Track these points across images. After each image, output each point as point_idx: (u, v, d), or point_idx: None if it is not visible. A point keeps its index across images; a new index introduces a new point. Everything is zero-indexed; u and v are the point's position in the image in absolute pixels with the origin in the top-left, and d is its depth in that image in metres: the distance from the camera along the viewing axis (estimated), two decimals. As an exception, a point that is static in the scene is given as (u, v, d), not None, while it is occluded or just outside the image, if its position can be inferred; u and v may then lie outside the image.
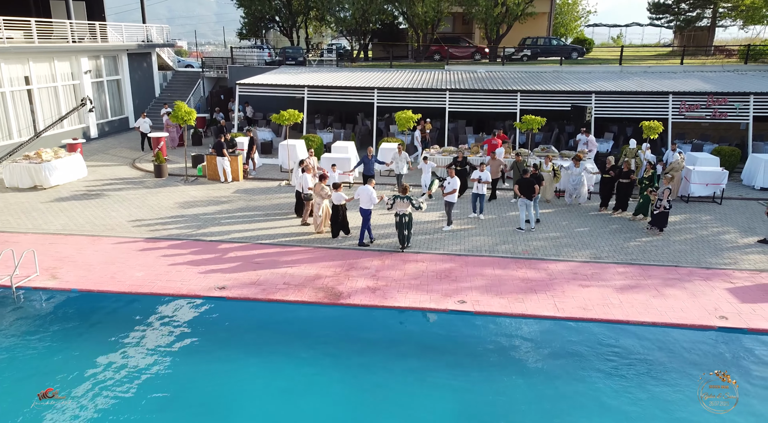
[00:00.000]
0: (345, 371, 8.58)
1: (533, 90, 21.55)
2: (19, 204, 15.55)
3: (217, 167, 18.14)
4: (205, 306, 10.31)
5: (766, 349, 9.08)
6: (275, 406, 7.77)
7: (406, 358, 8.88)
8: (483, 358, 8.88)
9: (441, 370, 8.56)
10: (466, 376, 8.42)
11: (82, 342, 9.20)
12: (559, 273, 11.57)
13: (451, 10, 33.97)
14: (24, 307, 10.23)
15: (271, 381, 8.29)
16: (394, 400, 7.93)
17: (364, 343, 9.34)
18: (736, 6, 29.92)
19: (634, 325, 9.61)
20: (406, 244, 12.65)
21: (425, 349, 9.16)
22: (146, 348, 9.06)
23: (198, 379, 8.30)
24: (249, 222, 14.39)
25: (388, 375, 8.47)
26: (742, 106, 20.13)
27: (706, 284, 11.05)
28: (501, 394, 8.01)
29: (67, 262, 11.77)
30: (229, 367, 8.61)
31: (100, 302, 10.37)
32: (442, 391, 8.07)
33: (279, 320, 9.92)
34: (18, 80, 20.55)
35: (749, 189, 17.74)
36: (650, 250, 12.85)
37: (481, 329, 9.65)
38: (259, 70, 28.24)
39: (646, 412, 7.63)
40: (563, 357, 8.90)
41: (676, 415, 7.58)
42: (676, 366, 8.64)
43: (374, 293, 10.59)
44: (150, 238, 13.22)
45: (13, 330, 9.49)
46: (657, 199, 13.46)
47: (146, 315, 10.02)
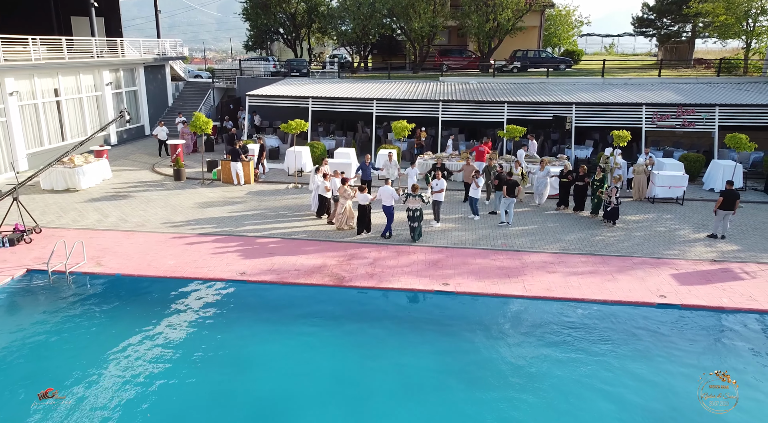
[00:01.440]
0: (347, 335, 10.48)
1: (519, 101, 23.52)
2: (57, 204, 17.49)
3: (230, 171, 20.08)
4: (230, 288, 12.23)
5: (693, 320, 10.99)
6: (290, 361, 9.64)
7: (397, 326, 10.78)
8: (460, 327, 10.78)
9: (426, 335, 10.46)
10: (445, 339, 10.32)
11: (129, 315, 11.10)
12: (531, 262, 13.49)
13: (446, 24, 36.11)
14: (77, 289, 12.14)
15: (286, 342, 10.19)
16: (385, 360, 9.80)
17: (362, 315, 11.25)
18: (711, 22, 32.00)
19: (588, 302, 11.53)
20: (418, 236, 14.54)
21: (413, 320, 11.07)
22: (182, 319, 10.97)
23: (227, 342, 10.20)
24: (261, 219, 16.33)
25: (383, 336, 10.36)
26: (708, 116, 22.10)
27: (654, 271, 12.98)
28: (474, 354, 9.89)
29: (107, 252, 13.70)
30: (252, 332, 10.52)
31: (140, 284, 12.30)
32: (426, 351, 9.96)
33: (292, 299, 11.83)
34: (48, 92, 22.53)
35: (710, 192, 19.68)
36: (612, 243, 14.78)
37: (460, 306, 11.56)
38: (265, 81, 30.28)
39: (586, 365, 9.52)
40: (525, 326, 10.80)
41: (608, 365, 9.48)
42: (617, 334, 10.53)
43: (372, 278, 12.52)
44: (176, 233, 15.16)
45: (71, 307, 11.40)
46: (607, 196, 15.46)
47: (180, 295, 11.94)
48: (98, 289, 12.17)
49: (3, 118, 20.06)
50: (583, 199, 17.23)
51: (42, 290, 12.00)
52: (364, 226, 15.10)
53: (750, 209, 17.89)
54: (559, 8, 53.81)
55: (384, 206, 14.70)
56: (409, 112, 23.44)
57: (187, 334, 10.50)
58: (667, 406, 8.50)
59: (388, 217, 14.78)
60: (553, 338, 10.38)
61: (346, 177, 15.58)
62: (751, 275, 12.72)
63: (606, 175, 16.76)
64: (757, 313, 11.09)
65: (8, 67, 19.72)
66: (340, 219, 15.44)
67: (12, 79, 20.11)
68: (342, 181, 15.30)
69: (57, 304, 11.43)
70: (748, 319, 10.99)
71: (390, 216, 14.75)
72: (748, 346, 10.13)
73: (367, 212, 14.99)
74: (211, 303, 11.69)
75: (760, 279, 12.51)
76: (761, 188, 20.00)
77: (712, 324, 10.97)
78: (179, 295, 11.92)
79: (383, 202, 14.68)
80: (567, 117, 21.98)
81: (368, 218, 15.09)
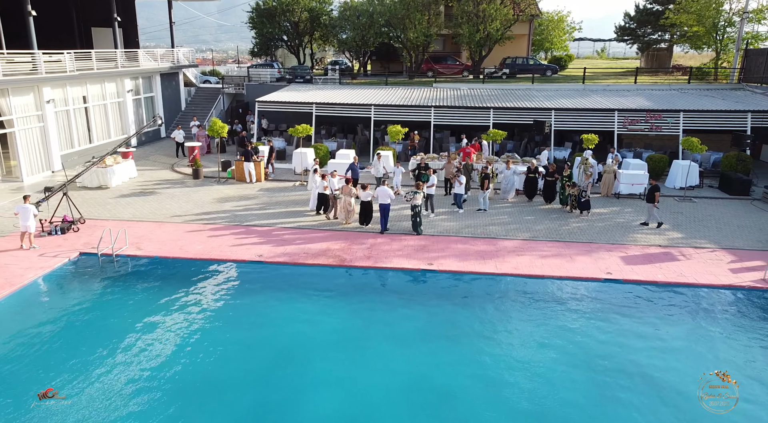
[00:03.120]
0: (347, 302, 12.88)
1: (503, 107, 25.92)
2: (93, 199, 19.90)
3: (244, 170, 22.50)
4: (250, 268, 14.62)
5: (630, 292, 13.39)
6: (301, 320, 12.04)
7: (389, 296, 13.20)
8: (440, 297, 13.18)
9: (412, 303, 12.87)
10: (427, 306, 12.72)
11: (168, 287, 13.50)
12: (504, 247, 15.90)
13: (441, 32, 38.54)
14: (123, 268, 14.55)
15: (298, 306, 12.60)
16: (378, 320, 12.21)
17: (359, 288, 13.66)
18: (685, 32, 34.43)
19: (547, 278, 13.94)
20: (420, 229, 16.79)
21: (402, 292, 13.47)
22: (211, 291, 13.38)
23: (250, 307, 12.61)
24: (273, 212, 18.74)
25: (376, 303, 12.76)
26: (673, 121, 24.50)
27: (607, 254, 15.39)
28: (451, 315, 12.29)
29: (144, 239, 16.11)
30: (270, 300, 12.92)
31: (174, 265, 14.70)
32: (412, 314, 12.37)
33: (301, 276, 14.22)
34: (78, 100, 24.94)
35: (671, 189, 22.08)
36: (576, 232, 17.19)
37: (442, 281, 13.95)
38: (271, 87, 32.67)
39: (534, 323, 11.93)
40: (493, 296, 13.21)
41: (554, 324, 11.87)
42: (565, 303, 12.94)
43: (369, 259, 14.92)
44: (200, 223, 17.57)
45: (120, 281, 13.81)
46: (581, 190, 17.90)
47: (209, 272, 14.35)
48: (140, 268, 14.58)
49: (41, 123, 22.47)
50: (552, 192, 19.68)
51: (94, 269, 14.40)
52: (366, 219, 17.45)
53: (702, 203, 20.31)
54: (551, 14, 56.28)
55: (381, 205, 17.04)
56: (404, 117, 25.86)
57: (216, 301, 12.92)
58: (588, 353, 10.90)
59: (385, 214, 17.08)
60: (514, 305, 12.80)
61: (348, 177, 17.93)
62: (686, 257, 15.14)
63: (571, 173, 19.22)
64: (682, 286, 13.50)
65: (47, 78, 22.11)
66: (344, 214, 17.78)
67: (49, 88, 22.53)
68: (346, 180, 17.65)
69: (108, 279, 13.84)
70: (674, 291, 13.40)
71: (386, 213, 17.07)
72: (668, 308, 12.54)
73: (370, 207, 17.32)
74: (234, 278, 14.11)
75: (693, 260, 14.93)
76: (717, 185, 22.38)
77: (643, 293, 13.36)
78: (208, 273, 14.34)
79: (380, 200, 17.00)
80: (546, 121, 24.41)
81: (370, 212, 17.42)
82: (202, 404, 9.28)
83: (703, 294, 13.33)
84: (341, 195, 17.69)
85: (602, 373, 10.22)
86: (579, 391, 9.74)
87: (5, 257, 14.54)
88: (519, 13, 35.69)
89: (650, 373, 10.18)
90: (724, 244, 16.16)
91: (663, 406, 9.29)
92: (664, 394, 9.59)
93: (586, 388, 9.83)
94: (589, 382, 10.02)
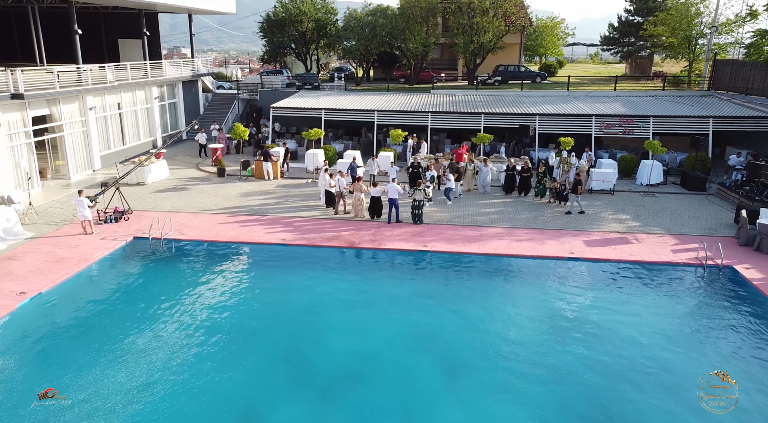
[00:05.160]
0: (356, 275, 15.92)
1: (493, 112, 28.93)
2: (134, 194, 22.95)
3: (262, 169, 25.55)
4: (275, 249, 17.64)
5: (587, 267, 16.41)
6: (319, 288, 15.06)
7: (390, 270, 16.24)
8: (432, 271, 16.21)
9: (409, 275, 15.91)
10: (421, 277, 15.76)
11: (209, 263, 16.55)
12: (487, 233, 18.91)
13: (438, 41, 41.58)
14: (170, 249, 17.59)
15: (316, 277, 15.64)
16: (384, 286, 15.23)
17: (366, 264, 16.71)
18: (661, 43, 37.46)
19: (520, 257, 16.96)
20: (419, 220, 19.76)
21: (400, 267, 16.50)
22: (245, 266, 16.43)
23: (278, 277, 15.65)
24: (290, 205, 21.78)
25: (380, 275, 15.80)
26: (643, 125, 27.49)
27: (573, 238, 18.40)
28: (441, 285, 15.32)
29: (185, 226, 19.16)
30: (294, 273, 15.96)
31: (213, 247, 17.73)
32: (409, 284, 15.40)
33: (318, 255, 17.25)
34: (114, 106, 28.02)
35: (639, 185, 25.08)
36: (549, 221, 20.21)
37: (433, 259, 16.98)
38: (282, 93, 35.73)
39: (510, 289, 14.95)
40: (475, 271, 16.24)
41: (523, 290, 14.89)
42: (534, 275, 15.96)
43: (373, 242, 17.96)
44: (230, 213, 20.61)
45: (170, 259, 16.86)
46: (561, 185, 21.00)
47: (242, 252, 17.40)
48: (185, 249, 17.63)
49: (84, 128, 25.55)
50: (527, 186, 22.75)
51: (147, 250, 17.46)
52: (376, 212, 20.38)
53: (663, 198, 23.31)
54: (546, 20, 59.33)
55: (390, 199, 19.98)
56: (404, 121, 28.91)
57: (249, 272, 15.99)
58: (549, 309, 13.92)
59: (395, 207, 20.01)
60: (492, 276, 15.85)
61: (359, 176, 20.95)
62: (638, 241, 18.15)
63: (546, 169, 22.31)
64: (629, 263, 16.54)
65: (91, 88, 25.20)
66: (355, 208, 20.69)
67: (91, 97, 25.61)
68: (357, 178, 20.62)
69: (161, 257, 16.90)
70: (622, 266, 16.42)
71: (396, 207, 20.01)
72: (615, 279, 15.57)
73: (379, 202, 20.27)
74: (263, 257, 17.16)
75: (643, 243, 17.94)
76: (679, 182, 25.36)
77: (597, 268, 16.36)
78: (241, 252, 17.40)
79: (389, 195, 19.93)
80: (530, 125, 27.44)
81: (380, 206, 20.35)
82: (249, 343, 12.32)
83: (646, 269, 16.34)
84: (353, 191, 20.66)
85: (559, 321, 13.24)
86: (542, 335, 12.76)
87: (75, 240, 17.61)
88: (510, 24, 38.68)
89: (597, 322, 13.20)
90: (673, 230, 19.17)
91: (602, 344, 12.31)
92: (603, 335, 12.62)
93: (546, 330, 12.85)
94: (549, 326, 13.04)
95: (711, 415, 9.72)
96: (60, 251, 16.69)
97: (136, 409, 10.02)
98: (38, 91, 21.85)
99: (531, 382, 11.01)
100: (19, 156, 21.72)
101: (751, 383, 10.87)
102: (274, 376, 11.26)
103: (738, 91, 30.71)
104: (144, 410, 10.02)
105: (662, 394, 10.61)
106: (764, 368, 11.47)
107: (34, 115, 22.64)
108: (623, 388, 10.84)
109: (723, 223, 19.82)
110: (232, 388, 10.77)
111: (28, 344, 12.14)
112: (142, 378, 10.93)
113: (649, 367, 11.50)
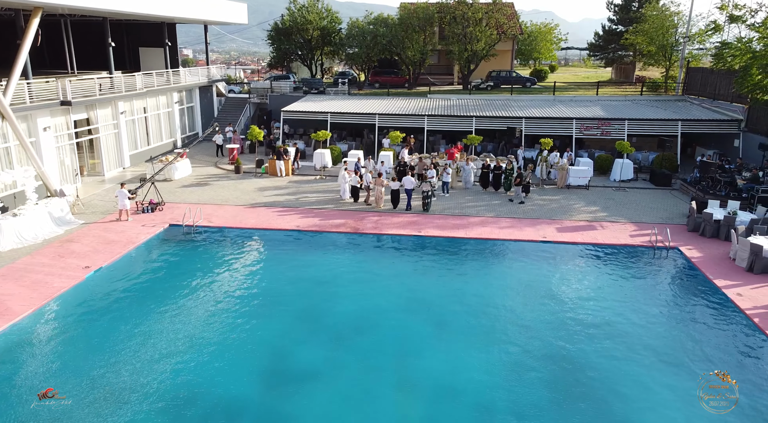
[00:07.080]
0: (361, 254, 18.87)
1: (484, 115, 31.88)
2: (163, 189, 25.81)
3: (276, 167, 28.51)
4: (291, 234, 20.61)
5: (556, 248, 19.35)
6: (329, 264, 18.00)
7: (389, 250, 19.20)
8: (424, 251, 19.16)
9: (405, 254, 18.86)
10: (416, 255, 18.71)
11: (236, 245, 19.52)
12: (473, 222, 21.85)
13: (435, 48, 44.54)
14: (200, 236, 20.55)
15: (327, 256, 18.59)
16: (384, 264, 18.17)
17: (368, 246, 19.68)
18: (641, 51, 40.42)
19: (500, 240, 19.92)
20: (428, 209, 22.76)
21: (398, 248, 19.46)
22: (266, 247, 19.41)
23: (295, 256, 18.60)
24: (302, 198, 24.75)
25: (380, 254, 18.75)
26: (619, 127, 30.41)
27: (547, 226, 21.34)
28: (433, 262, 18.27)
29: (212, 216, 22.12)
30: (307, 253, 18.92)
31: (237, 232, 20.71)
32: (405, 260, 18.35)
33: (328, 239, 20.21)
34: (140, 110, 31.03)
35: (612, 181, 28.01)
36: (529, 211, 23.15)
37: (426, 243, 19.93)
38: (290, 97, 38.65)
39: (491, 265, 17.89)
40: (462, 251, 19.19)
41: (501, 266, 17.83)
42: (511, 255, 18.90)
43: (375, 228, 20.92)
44: (249, 205, 23.57)
45: (203, 242, 19.83)
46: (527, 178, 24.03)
47: (263, 237, 20.36)
48: (214, 234, 20.61)
49: (116, 130, 28.55)
50: (498, 182, 25.78)
51: (181, 235, 20.42)
52: (395, 203, 23.37)
53: (633, 192, 26.25)
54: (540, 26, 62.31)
55: (406, 189, 23.06)
56: (402, 123, 31.87)
57: (270, 252, 18.98)
58: (522, 281, 16.87)
59: (409, 196, 23.08)
60: (477, 256, 18.82)
61: (381, 172, 23.96)
62: (603, 228, 21.10)
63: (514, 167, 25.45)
64: (592, 245, 19.49)
65: (122, 95, 28.19)
66: (378, 200, 23.59)
67: (122, 102, 28.61)
68: (378, 174, 23.60)
69: (194, 240, 19.87)
70: (587, 248, 19.37)
71: (409, 196, 23.08)
72: (578, 258, 18.52)
73: (398, 194, 23.28)
74: (281, 240, 20.12)
75: (607, 230, 20.88)
76: (648, 179, 28.30)
77: (565, 249, 19.29)
78: (262, 237, 20.39)
79: (405, 186, 23.02)
80: (517, 127, 30.39)
81: (399, 198, 23.36)
82: (274, 303, 15.29)
83: (605, 250, 19.28)
84: (375, 186, 23.57)
85: (530, 289, 16.20)
86: (513, 299, 15.71)
87: (120, 226, 20.61)
88: (501, 33, 41.63)
89: (556, 292, 16.17)
90: (634, 219, 22.12)
91: (561, 305, 15.26)
92: (564, 300, 15.58)
93: (516, 296, 15.80)
94: (521, 295, 15.98)
95: (628, 353, 12.74)
96: (109, 235, 19.67)
97: (194, 349, 12.99)
98: (82, 99, 24.82)
99: (500, 333, 13.97)
100: (63, 155, 24.70)
101: (674, 321, 13.86)
102: (296, 328, 14.23)
103: (707, 96, 33.63)
104: (201, 350, 12.99)
105: (606, 340, 13.58)
106: (684, 312, 14.46)
107: (76, 119, 25.61)
108: (577, 336, 13.79)
109: (679, 213, 22.78)
110: (264, 336, 13.74)
111: (97, 306, 15.11)
112: (197, 328, 13.91)
113: (597, 319, 14.48)
